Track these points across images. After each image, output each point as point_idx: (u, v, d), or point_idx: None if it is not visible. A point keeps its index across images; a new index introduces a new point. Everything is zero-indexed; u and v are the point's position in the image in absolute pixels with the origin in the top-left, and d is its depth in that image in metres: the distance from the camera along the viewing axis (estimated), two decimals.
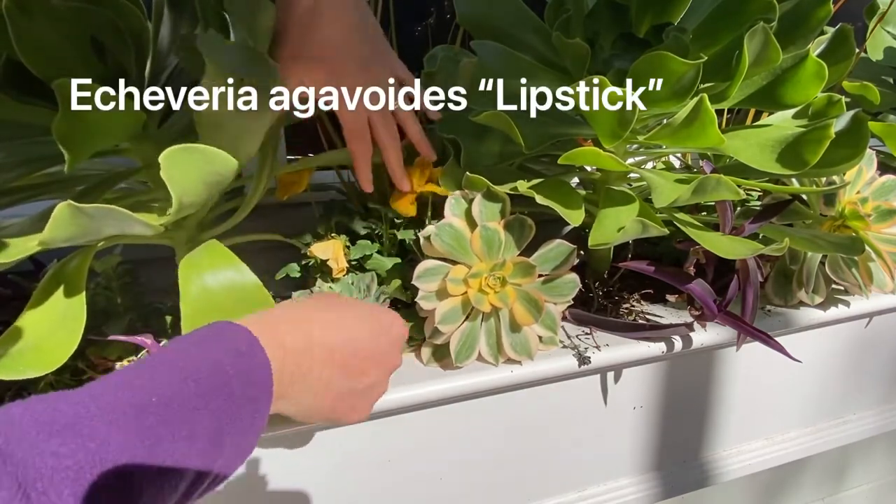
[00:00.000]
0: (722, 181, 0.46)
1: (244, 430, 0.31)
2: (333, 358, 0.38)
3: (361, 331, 0.40)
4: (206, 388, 0.29)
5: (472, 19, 0.61)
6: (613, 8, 0.53)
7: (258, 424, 0.32)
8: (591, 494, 0.64)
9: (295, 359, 0.36)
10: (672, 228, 0.58)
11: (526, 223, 0.51)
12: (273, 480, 0.49)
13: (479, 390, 0.52)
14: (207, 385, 0.30)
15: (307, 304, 0.40)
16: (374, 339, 0.41)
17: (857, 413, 0.79)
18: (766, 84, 0.55)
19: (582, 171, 0.64)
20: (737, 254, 0.50)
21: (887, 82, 0.87)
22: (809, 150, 0.48)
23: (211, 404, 0.29)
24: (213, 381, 0.30)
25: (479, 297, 0.49)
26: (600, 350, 0.55)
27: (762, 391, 0.70)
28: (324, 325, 0.38)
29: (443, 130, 0.56)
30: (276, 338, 0.35)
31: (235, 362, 0.31)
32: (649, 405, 0.63)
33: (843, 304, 0.67)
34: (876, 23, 0.81)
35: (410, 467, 0.54)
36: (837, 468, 0.89)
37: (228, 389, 0.30)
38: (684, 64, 0.44)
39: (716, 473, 0.70)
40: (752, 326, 0.56)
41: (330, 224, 0.58)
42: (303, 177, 0.58)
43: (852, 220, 0.62)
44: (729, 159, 0.62)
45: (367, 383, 0.40)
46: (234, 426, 0.30)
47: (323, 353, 0.37)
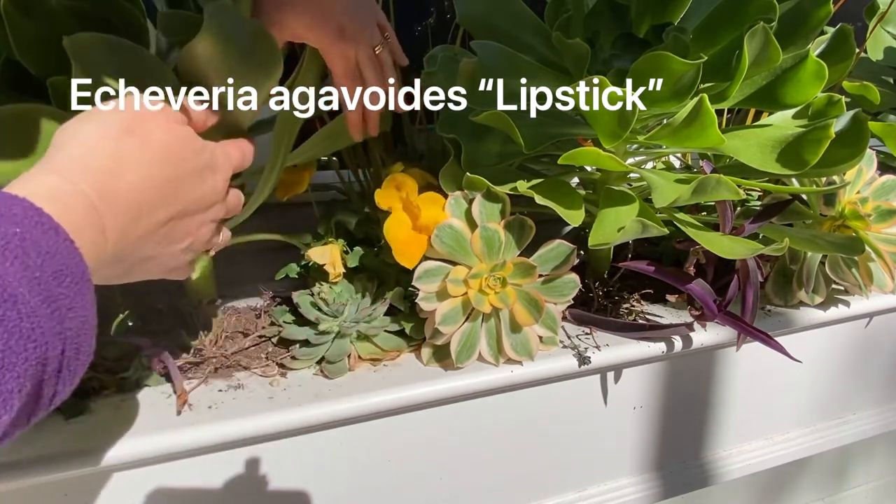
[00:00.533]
0: (722, 181, 0.46)
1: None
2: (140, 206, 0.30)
3: (169, 169, 0.32)
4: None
5: (472, 19, 0.61)
6: (613, 8, 0.53)
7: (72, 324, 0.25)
8: (591, 494, 0.64)
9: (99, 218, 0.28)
10: (672, 228, 0.58)
11: (526, 223, 0.51)
12: (273, 480, 0.49)
13: (479, 390, 0.52)
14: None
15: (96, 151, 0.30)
16: (186, 167, 0.33)
17: (857, 413, 0.79)
18: (766, 84, 0.55)
19: (582, 171, 0.64)
20: (737, 254, 0.50)
21: (887, 82, 0.87)
22: (809, 150, 0.48)
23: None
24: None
25: (480, 298, 0.49)
26: (600, 350, 0.55)
27: (762, 391, 0.70)
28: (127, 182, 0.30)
29: (443, 130, 0.56)
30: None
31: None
32: (649, 405, 0.63)
33: (843, 304, 0.67)
34: (876, 23, 0.81)
35: (410, 467, 0.54)
36: (838, 468, 0.89)
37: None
38: (684, 64, 0.44)
39: (716, 473, 0.70)
40: (752, 326, 0.56)
41: (330, 224, 0.58)
42: (303, 177, 0.58)
43: (852, 220, 0.62)
44: (729, 159, 0.62)
45: (190, 165, 0.33)
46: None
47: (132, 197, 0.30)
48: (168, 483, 0.46)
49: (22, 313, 0.23)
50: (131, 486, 0.45)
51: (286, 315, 0.55)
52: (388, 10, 0.64)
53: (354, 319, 0.52)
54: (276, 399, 0.47)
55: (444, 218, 0.50)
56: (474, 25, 0.61)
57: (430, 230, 0.50)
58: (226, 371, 0.51)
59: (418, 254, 0.50)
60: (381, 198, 0.52)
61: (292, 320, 0.54)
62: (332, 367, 0.50)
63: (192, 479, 0.47)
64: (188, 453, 0.45)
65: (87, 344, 0.27)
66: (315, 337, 0.51)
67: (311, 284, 0.55)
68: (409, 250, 0.50)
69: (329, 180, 0.72)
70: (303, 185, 0.58)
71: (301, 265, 0.58)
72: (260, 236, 0.58)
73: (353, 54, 0.49)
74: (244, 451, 0.48)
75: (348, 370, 0.51)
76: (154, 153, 0.32)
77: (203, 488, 0.47)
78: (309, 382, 0.50)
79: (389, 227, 0.50)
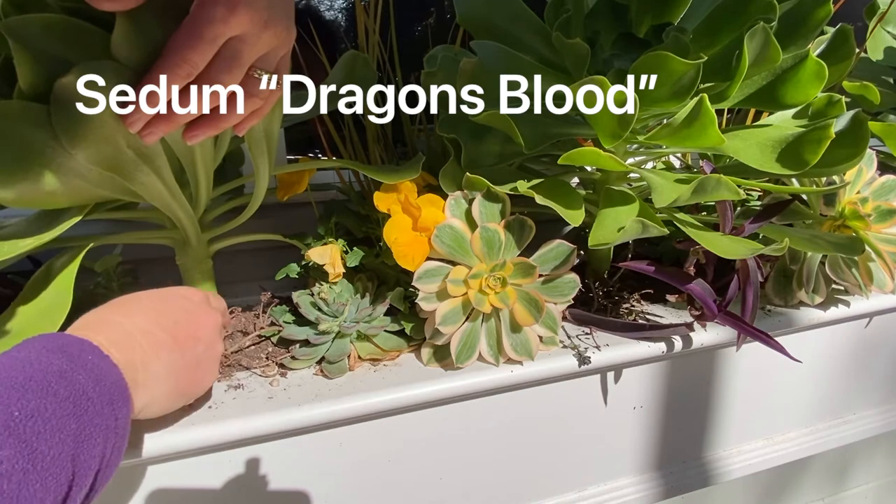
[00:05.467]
0: (722, 181, 0.46)
1: (107, 429, 0.31)
2: (158, 338, 0.37)
3: (165, 304, 0.40)
4: (63, 396, 0.29)
5: (472, 19, 0.61)
6: (613, 8, 0.53)
7: (122, 424, 0.32)
8: (591, 494, 0.64)
9: (127, 355, 0.35)
10: (672, 228, 0.58)
11: (526, 223, 0.51)
12: (273, 480, 0.49)
13: (479, 390, 0.52)
14: (65, 393, 0.29)
15: (96, 312, 0.38)
16: (182, 305, 0.41)
17: (857, 413, 0.79)
18: (766, 84, 0.55)
19: (582, 171, 0.64)
20: (737, 254, 0.50)
21: (887, 82, 0.87)
22: (809, 150, 0.48)
23: (73, 411, 0.29)
24: (69, 391, 0.29)
25: (480, 298, 0.49)
26: (600, 350, 0.55)
27: (762, 391, 0.70)
28: (129, 316, 0.38)
29: (443, 130, 0.56)
30: (100, 342, 0.34)
31: (82, 368, 0.31)
32: (649, 405, 0.63)
33: (843, 304, 0.67)
34: (876, 23, 0.81)
35: (410, 467, 0.54)
36: (838, 468, 0.89)
37: (86, 396, 0.30)
38: (684, 64, 0.44)
39: (716, 473, 0.70)
40: (752, 326, 0.56)
41: (329, 225, 0.58)
42: (303, 177, 0.58)
43: (852, 220, 0.62)
44: (729, 159, 0.62)
45: (203, 346, 0.40)
46: (99, 429, 0.30)
47: (146, 339, 0.37)
48: (168, 483, 0.46)
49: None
50: (131, 486, 0.45)
51: (286, 315, 0.55)
52: (389, 10, 0.64)
53: (354, 319, 0.52)
54: (276, 399, 0.47)
55: (444, 218, 0.50)
56: (474, 25, 0.61)
57: (430, 231, 0.50)
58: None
59: (420, 256, 0.50)
60: (380, 200, 0.52)
61: (292, 320, 0.54)
62: (332, 367, 0.50)
63: (192, 479, 0.47)
64: (188, 453, 0.45)
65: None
66: (315, 337, 0.51)
67: (311, 284, 0.55)
68: (410, 252, 0.50)
69: (329, 180, 0.72)
70: (303, 185, 0.58)
71: (301, 265, 0.58)
72: (260, 236, 0.58)
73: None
74: (244, 451, 0.48)
75: (348, 370, 0.51)
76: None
77: (203, 488, 0.47)
78: (309, 382, 0.50)
79: (389, 231, 0.50)
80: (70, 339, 0.33)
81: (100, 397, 0.31)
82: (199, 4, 0.34)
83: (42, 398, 0.28)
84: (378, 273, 0.57)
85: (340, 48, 0.93)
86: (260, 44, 0.37)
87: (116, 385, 0.32)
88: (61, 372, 0.30)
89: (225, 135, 0.50)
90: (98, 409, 0.30)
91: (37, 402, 0.28)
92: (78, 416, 0.29)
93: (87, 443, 0.29)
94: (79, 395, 0.30)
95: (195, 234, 0.52)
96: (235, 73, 0.36)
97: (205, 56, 0.35)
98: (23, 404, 0.27)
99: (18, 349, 0.31)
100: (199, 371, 0.41)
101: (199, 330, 0.41)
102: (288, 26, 0.38)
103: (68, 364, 0.30)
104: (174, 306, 0.41)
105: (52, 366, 0.30)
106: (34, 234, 0.41)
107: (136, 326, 0.37)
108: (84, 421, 0.29)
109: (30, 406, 0.27)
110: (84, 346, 0.32)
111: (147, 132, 0.37)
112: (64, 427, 0.28)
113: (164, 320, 0.39)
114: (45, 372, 0.29)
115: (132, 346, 0.36)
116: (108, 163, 0.39)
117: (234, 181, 0.57)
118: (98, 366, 0.32)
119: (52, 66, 0.35)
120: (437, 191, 0.54)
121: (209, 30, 0.34)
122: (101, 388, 0.31)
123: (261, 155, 0.48)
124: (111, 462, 0.32)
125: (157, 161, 0.43)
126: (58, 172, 0.38)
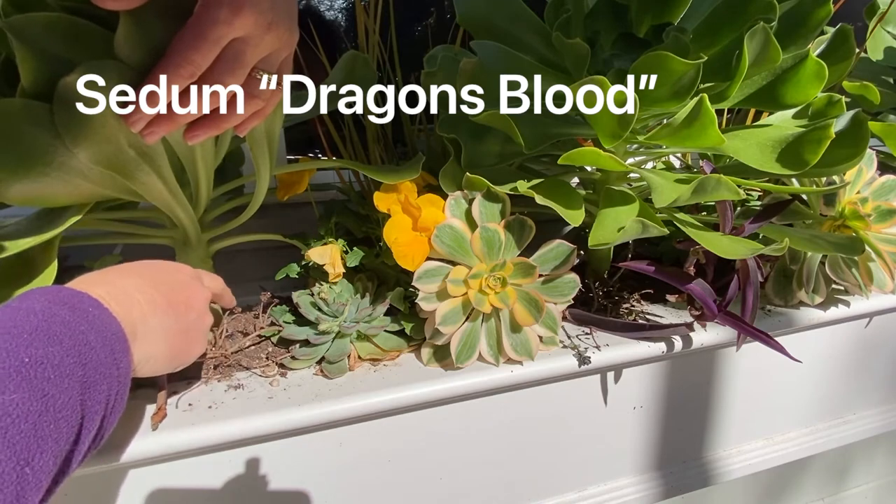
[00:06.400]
0: (722, 181, 0.46)
1: (110, 377, 0.32)
2: (154, 299, 0.38)
3: (160, 272, 0.41)
4: (68, 345, 0.30)
5: (472, 19, 0.61)
6: (613, 8, 0.53)
7: (124, 373, 0.34)
8: (591, 494, 0.64)
9: (125, 309, 0.36)
10: (672, 228, 0.58)
11: (526, 223, 0.51)
12: (273, 480, 0.49)
13: (479, 390, 0.52)
14: (70, 343, 0.30)
15: (94, 273, 0.39)
16: (175, 276, 0.42)
17: (857, 413, 0.79)
18: (766, 84, 0.55)
19: (582, 171, 0.64)
20: (737, 254, 0.50)
21: (887, 82, 0.87)
22: (809, 150, 0.48)
23: (79, 360, 0.30)
24: (73, 340, 0.30)
25: (480, 298, 0.49)
26: (600, 350, 0.55)
27: (762, 391, 0.70)
28: (127, 277, 0.39)
29: (443, 130, 0.56)
30: (100, 295, 0.35)
31: (84, 319, 0.32)
32: (649, 405, 0.63)
33: (843, 304, 0.67)
34: (876, 23, 0.81)
35: (410, 467, 0.54)
36: (838, 468, 0.89)
37: (89, 345, 0.31)
38: (684, 64, 0.44)
39: (716, 473, 0.70)
40: (752, 326, 0.56)
41: (330, 224, 0.58)
42: (303, 177, 0.58)
43: (852, 220, 0.62)
44: (729, 159, 0.62)
45: (195, 314, 0.41)
46: (103, 377, 0.32)
47: (143, 297, 0.38)
48: (168, 483, 0.46)
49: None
50: (131, 486, 0.45)
51: (286, 315, 0.55)
52: (389, 10, 0.64)
53: (354, 319, 0.52)
54: (276, 399, 0.47)
55: (444, 218, 0.50)
56: (474, 25, 0.61)
57: (430, 231, 0.50)
58: (226, 371, 0.51)
59: (420, 256, 0.50)
60: (380, 200, 0.52)
61: (292, 320, 0.54)
62: (332, 367, 0.50)
63: (192, 479, 0.47)
64: (188, 453, 0.45)
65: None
66: (315, 337, 0.51)
67: (311, 284, 0.55)
68: (410, 252, 0.50)
69: (329, 180, 0.72)
70: (303, 185, 0.58)
71: (301, 265, 0.58)
72: (260, 236, 0.58)
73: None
74: (244, 451, 0.48)
75: (348, 370, 0.51)
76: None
77: (203, 488, 0.47)
78: (309, 382, 0.50)
79: (389, 231, 0.50)
80: (71, 291, 0.33)
81: (102, 347, 0.32)
82: (203, 5, 0.34)
83: (49, 345, 0.29)
84: (378, 273, 0.57)
85: (340, 48, 0.93)
86: (263, 45, 0.37)
87: (117, 336, 0.33)
88: (65, 322, 0.31)
89: (226, 135, 0.50)
90: (101, 358, 0.31)
91: (44, 350, 0.29)
92: (83, 364, 0.30)
93: (93, 389, 0.30)
94: (82, 344, 0.31)
95: (195, 234, 0.52)
96: (238, 74, 0.37)
97: (208, 57, 0.35)
98: (31, 352, 0.28)
99: (20, 300, 0.31)
100: (188, 338, 0.41)
101: (191, 299, 0.42)
102: (291, 28, 0.38)
103: (70, 315, 0.31)
104: (168, 277, 0.42)
105: (56, 316, 0.31)
106: (35, 232, 0.41)
107: (134, 286, 0.38)
108: (89, 369, 0.30)
109: (38, 353, 0.28)
110: (84, 299, 0.33)
111: (148, 132, 0.37)
112: (71, 374, 0.29)
113: (159, 285, 0.40)
114: (49, 322, 0.30)
115: (130, 303, 0.37)
116: (110, 162, 0.40)
117: (235, 181, 0.57)
118: (99, 317, 0.33)
119: (55, 65, 0.35)
120: (437, 191, 0.54)
121: (213, 31, 0.34)
122: (103, 338, 0.32)
123: (262, 155, 0.48)
124: (115, 409, 0.33)
125: (158, 160, 0.43)
126: (59, 171, 0.38)
